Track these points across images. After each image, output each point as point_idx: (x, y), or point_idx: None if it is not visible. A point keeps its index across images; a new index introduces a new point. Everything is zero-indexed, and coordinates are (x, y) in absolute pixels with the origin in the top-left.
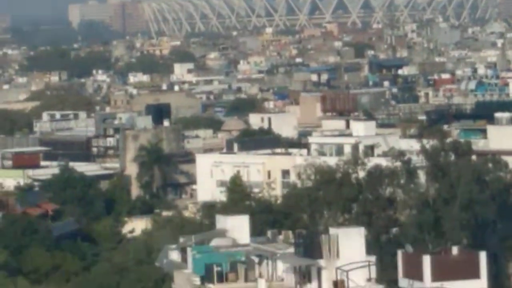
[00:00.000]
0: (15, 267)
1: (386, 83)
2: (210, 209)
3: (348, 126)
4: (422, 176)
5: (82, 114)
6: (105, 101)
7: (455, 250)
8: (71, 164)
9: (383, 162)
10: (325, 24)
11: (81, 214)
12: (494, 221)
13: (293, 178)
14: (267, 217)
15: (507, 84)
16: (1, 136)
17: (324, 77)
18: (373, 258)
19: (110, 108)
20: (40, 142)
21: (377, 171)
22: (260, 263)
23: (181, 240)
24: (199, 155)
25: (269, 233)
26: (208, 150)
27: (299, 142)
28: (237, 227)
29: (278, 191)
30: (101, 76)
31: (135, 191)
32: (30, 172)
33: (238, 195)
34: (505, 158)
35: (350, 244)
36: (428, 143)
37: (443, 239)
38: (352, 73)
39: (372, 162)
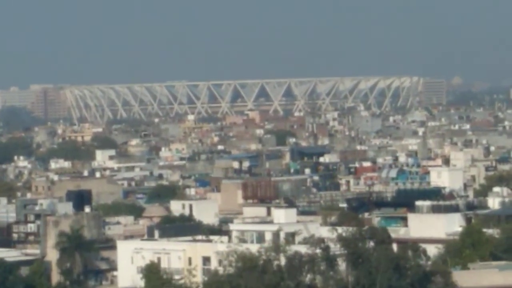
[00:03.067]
0: None
1: (307, 171)
2: None
3: (269, 213)
4: (342, 264)
5: (3, 200)
6: (26, 187)
7: None
8: None
9: (304, 249)
10: (247, 112)
11: None
12: None
13: (214, 265)
14: None
15: (428, 173)
16: None
17: (246, 164)
18: None
19: (31, 194)
20: None
21: (296, 258)
22: None
23: None
24: (120, 241)
25: None
26: (129, 236)
27: (220, 229)
28: None
29: (199, 278)
30: (22, 162)
31: (56, 277)
32: None
33: (158, 282)
34: (426, 246)
35: None
36: (346, 231)
37: None
38: (274, 161)
39: (293, 249)
